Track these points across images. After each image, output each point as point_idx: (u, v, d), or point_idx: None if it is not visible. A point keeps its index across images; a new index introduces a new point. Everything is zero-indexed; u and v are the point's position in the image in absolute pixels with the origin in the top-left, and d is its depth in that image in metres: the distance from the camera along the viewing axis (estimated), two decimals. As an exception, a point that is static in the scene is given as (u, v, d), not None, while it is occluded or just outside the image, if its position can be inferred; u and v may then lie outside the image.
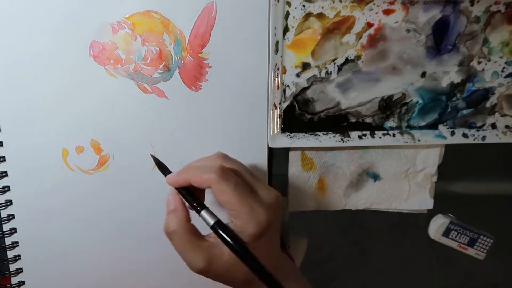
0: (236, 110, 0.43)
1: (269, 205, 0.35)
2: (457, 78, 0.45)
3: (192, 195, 0.36)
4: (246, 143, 0.44)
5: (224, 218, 0.35)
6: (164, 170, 0.38)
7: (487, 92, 0.45)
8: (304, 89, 0.44)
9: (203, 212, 0.35)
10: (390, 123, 0.46)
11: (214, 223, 0.34)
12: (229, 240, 0.33)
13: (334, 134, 0.45)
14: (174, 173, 0.37)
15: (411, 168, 0.48)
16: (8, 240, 0.45)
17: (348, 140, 0.45)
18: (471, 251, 0.52)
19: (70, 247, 0.46)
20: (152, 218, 0.46)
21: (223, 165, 0.36)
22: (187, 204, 0.36)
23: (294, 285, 0.38)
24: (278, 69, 0.42)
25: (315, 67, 0.43)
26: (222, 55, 0.41)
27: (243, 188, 0.35)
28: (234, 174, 0.36)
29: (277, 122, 0.44)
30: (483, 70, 0.44)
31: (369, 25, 0.42)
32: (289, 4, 0.40)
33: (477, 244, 0.52)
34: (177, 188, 0.37)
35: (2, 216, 0.44)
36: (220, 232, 0.34)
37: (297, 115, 0.45)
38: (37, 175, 0.43)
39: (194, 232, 0.35)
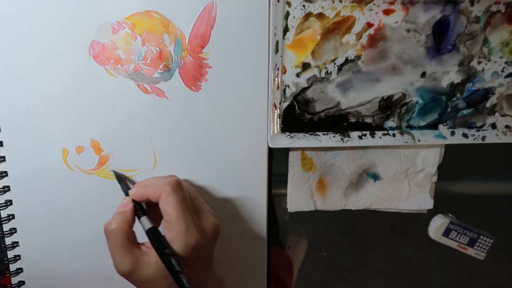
0: (236, 110, 0.43)
1: (205, 232, 0.37)
2: (457, 78, 0.45)
3: (139, 203, 0.39)
4: (246, 143, 0.44)
5: None
6: (121, 181, 0.42)
7: (487, 92, 0.45)
8: (304, 89, 0.44)
9: (143, 218, 0.37)
10: (390, 123, 0.46)
11: (149, 228, 0.36)
12: (156, 244, 0.35)
13: (334, 134, 0.45)
14: (135, 188, 0.39)
15: (411, 168, 0.48)
16: (8, 240, 0.45)
17: (348, 140, 0.45)
18: (471, 251, 0.52)
19: (70, 247, 0.46)
20: (152, 218, 0.46)
21: (179, 181, 0.38)
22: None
23: None
24: (278, 69, 0.42)
25: (315, 67, 0.43)
26: (222, 55, 0.41)
27: (187, 207, 0.36)
28: (186, 193, 0.38)
29: (277, 122, 0.44)
30: (483, 70, 0.44)
31: (369, 25, 0.42)
32: (289, 4, 0.40)
33: (477, 244, 0.52)
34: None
35: (2, 216, 0.44)
36: (150, 235, 0.36)
37: (297, 115, 0.45)
38: (37, 175, 0.43)
39: (130, 237, 0.37)
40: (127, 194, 0.40)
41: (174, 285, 0.35)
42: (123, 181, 0.42)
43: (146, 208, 0.39)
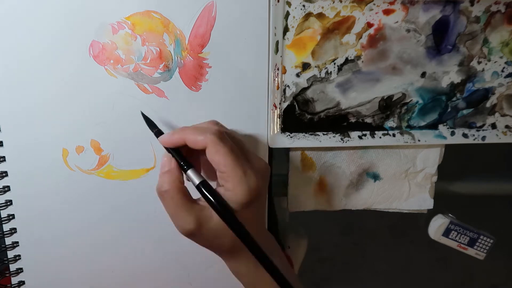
0: (236, 110, 0.43)
1: (260, 173, 0.36)
2: (457, 78, 0.45)
3: (181, 155, 0.36)
4: (246, 143, 0.44)
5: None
6: (154, 127, 0.39)
7: (487, 92, 0.45)
8: (304, 89, 0.44)
9: (189, 171, 0.35)
10: (390, 123, 0.46)
11: (200, 182, 0.34)
12: (211, 199, 0.34)
13: (334, 134, 0.45)
14: (169, 133, 0.37)
15: (411, 168, 0.48)
16: (8, 240, 0.45)
17: (348, 140, 0.45)
18: (471, 251, 0.52)
19: (70, 247, 0.46)
20: (152, 218, 0.46)
21: (221, 130, 0.36)
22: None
23: (278, 261, 0.37)
24: (278, 69, 0.42)
25: (315, 67, 0.43)
26: (222, 55, 0.41)
27: (238, 152, 0.35)
28: (231, 138, 0.36)
29: (277, 122, 0.44)
30: (483, 70, 0.44)
31: (369, 25, 0.42)
32: (289, 4, 0.40)
33: (477, 244, 0.52)
34: (168, 149, 0.37)
35: (2, 216, 0.44)
36: (204, 191, 0.34)
37: (297, 115, 0.45)
38: (37, 175, 0.43)
39: (186, 194, 0.35)
40: (150, 127, 0.38)
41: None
42: (156, 128, 0.39)
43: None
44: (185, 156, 0.37)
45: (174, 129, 0.37)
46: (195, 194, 0.36)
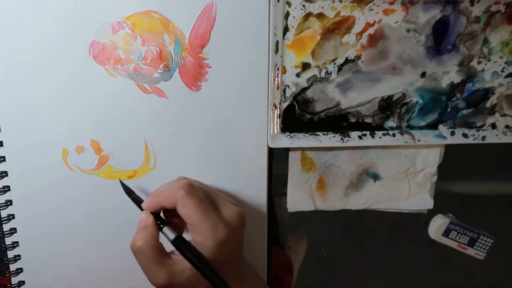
0: (236, 110, 0.43)
1: (230, 223, 0.37)
2: (457, 78, 0.45)
3: (157, 216, 0.38)
4: (246, 143, 0.44)
5: None
6: (130, 194, 0.41)
7: (487, 92, 0.45)
8: (304, 89, 0.44)
9: (165, 228, 0.37)
10: (390, 123, 0.46)
11: (175, 238, 0.36)
12: (187, 253, 0.35)
13: (334, 134, 0.45)
14: (148, 200, 0.38)
15: (411, 168, 0.48)
16: (8, 240, 0.45)
17: (348, 140, 0.45)
18: (471, 251, 0.52)
19: (70, 247, 0.46)
20: (152, 218, 0.46)
21: (190, 182, 0.38)
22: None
23: None
24: (278, 69, 0.42)
25: (315, 67, 0.43)
26: (222, 55, 0.41)
27: (207, 205, 0.36)
28: (200, 191, 0.38)
29: (277, 122, 0.44)
30: (483, 70, 0.44)
31: (369, 25, 0.42)
32: (289, 4, 0.40)
33: (477, 244, 0.52)
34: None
35: (2, 216, 0.44)
36: (180, 246, 0.36)
37: (297, 115, 0.45)
38: (37, 175, 0.43)
39: (159, 249, 0.36)
40: (139, 206, 0.39)
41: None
42: (132, 194, 0.42)
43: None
44: (167, 212, 0.38)
45: (150, 196, 0.39)
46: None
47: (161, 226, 0.37)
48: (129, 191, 0.42)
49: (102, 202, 0.45)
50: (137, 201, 0.40)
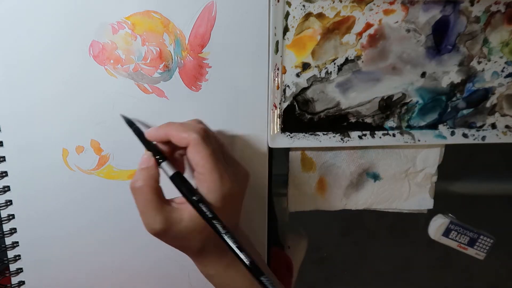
0: (236, 110, 0.43)
1: (238, 179, 0.36)
2: (457, 78, 0.45)
3: (157, 150, 0.36)
4: (246, 143, 0.44)
5: None
6: (132, 125, 0.39)
7: (487, 92, 0.45)
8: (304, 89, 0.44)
9: (164, 163, 0.35)
10: (390, 123, 0.46)
11: (173, 173, 0.34)
12: (184, 190, 0.33)
13: (334, 134, 0.45)
14: (154, 127, 0.36)
15: (411, 168, 0.48)
16: (8, 240, 0.45)
17: (348, 140, 0.45)
18: (471, 251, 0.52)
19: (70, 247, 0.46)
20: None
21: (207, 129, 0.36)
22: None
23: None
24: (278, 69, 0.42)
25: (315, 67, 0.43)
26: (222, 55, 0.41)
27: (218, 156, 0.35)
28: (214, 140, 0.36)
29: (277, 122, 0.44)
30: (483, 70, 0.44)
31: (369, 25, 0.42)
32: (289, 4, 0.40)
33: (477, 244, 0.52)
34: (147, 142, 0.37)
35: (2, 216, 0.44)
36: (177, 182, 0.34)
37: (297, 115, 0.45)
38: (37, 175, 0.43)
39: (159, 193, 0.35)
40: (140, 138, 0.37)
41: (208, 238, 0.34)
42: (134, 125, 0.39)
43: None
44: (169, 154, 0.36)
45: (158, 126, 0.37)
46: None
47: (160, 161, 0.35)
48: (130, 122, 0.39)
49: (102, 202, 0.45)
50: (139, 132, 0.38)
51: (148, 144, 0.36)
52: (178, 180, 0.34)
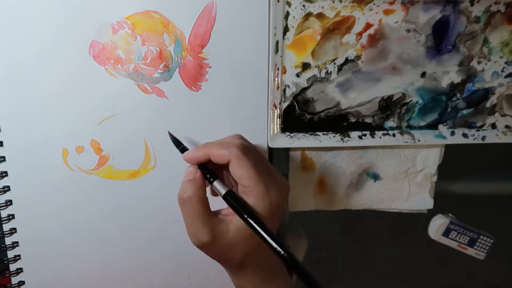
0: (236, 110, 0.43)
1: (281, 190, 0.35)
2: (457, 78, 0.45)
3: (207, 168, 0.36)
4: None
5: None
6: (179, 145, 0.39)
7: (487, 92, 0.45)
8: (304, 89, 0.44)
9: (215, 182, 0.35)
10: (390, 123, 0.46)
11: (227, 192, 0.34)
12: (238, 208, 0.33)
13: (334, 134, 0.45)
14: (193, 149, 0.37)
15: (411, 168, 0.48)
16: (8, 240, 0.45)
17: (348, 140, 0.45)
18: (471, 251, 0.52)
19: (70, 247, 0.46)
20: (152, 218, 0.46)
21: (246, 144, 0.36)
22: None
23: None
24: (278, 69, 0.42)
25: (315, 67, 0.43)
26: (222, 55, 0.41)
27: (261, 168, 0.35)
28: (254, 154, 0.36)
29: (277, 122, 0.44)
30: (483, 70, 0.44)
31: (369, 25, 0.42)
32: (289, 4, 0.40)
33: (477, 244, 0.52)
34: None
35: (2, 216, 0.44)
36: (231, 200, 0.34)
37: (297, 115, 0.45)
38: (37, 175, 0.43)
39: (206, 205, 0.35)
40: (177, 146, 0.38)
41: (251, 252, 0.34)
42: (181, 145, 0.40)
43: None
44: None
45: (197, 147, 0.37)
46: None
47: (211, 180, 0.36)
48: (178, 142, 0.40)
49: (102, 202, 0.45)
50: (185, 150, 0.38)
51: (199, 167, 0.37)
52: (232, 197, 0.34)
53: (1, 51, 0.39)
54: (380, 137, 0.46)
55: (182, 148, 0.39)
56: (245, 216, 0.33)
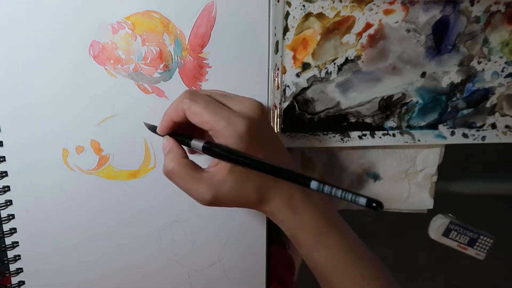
0: (236, 110, 0.43)
1: (246, 113, 0.34)
2: (457, 78, 0.45)
3: (178, 135, 0.36)
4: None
5: None
6: (154, 129, 0.38)
7: (487, 92, 0.45)
8: (304, 89, 0.44)
9: (192, 141, 0.35)
10: (390, 123, 0.46)
11: (204, 144, 0.34)
12: (222, 152, 0.33)
13: (334, 134, 0.45)
14: (159, 123, 0.36)
15: (411, 168, 0.48)
16: (8, 240, 0.45)
17: (348, 140, 0.45)
18: (471, 251, 0.52)
19: (70, 247, 0.46)
20: (152, 217, 0.46)
21: (191, 89, 0.36)
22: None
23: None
24: (278, 69, 0.42)
25: (315, 67, 0.43)
26: (222, 55, 0.41)
27: (215, 104, 0.34)
28: (203, 93, 0.35)
29: (277, 122, 0.44)
30: (483, 70, 0.44)
31: (369, 25, 0.42)
32: (289, 4, 0.40)
33: (477, 244, 0.52)
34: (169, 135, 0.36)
35: (2, 216, 0.44)
36: (212, 149, 0.33)
37: (297, 115, 0.45)
38: (37, 175, 0.43)
39: (192, 166, 0.35)
40: (156, 133, 0.37)
41: (262, 185, 0.34)
42: (155, 129, 0.39)
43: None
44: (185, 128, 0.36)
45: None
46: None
47: (188, 141, 0.35)
48: (153, 128, 0.39)
49: (102, 202, 0.45)
50: (155, 130, 0.38)
51: (174, 136, 0.36)
52: (208, 147, 0.34)
53: (1, 51, 0.39)
54: (380, 137, 0.46)
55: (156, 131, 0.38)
56: (226, 156, 0.33)
